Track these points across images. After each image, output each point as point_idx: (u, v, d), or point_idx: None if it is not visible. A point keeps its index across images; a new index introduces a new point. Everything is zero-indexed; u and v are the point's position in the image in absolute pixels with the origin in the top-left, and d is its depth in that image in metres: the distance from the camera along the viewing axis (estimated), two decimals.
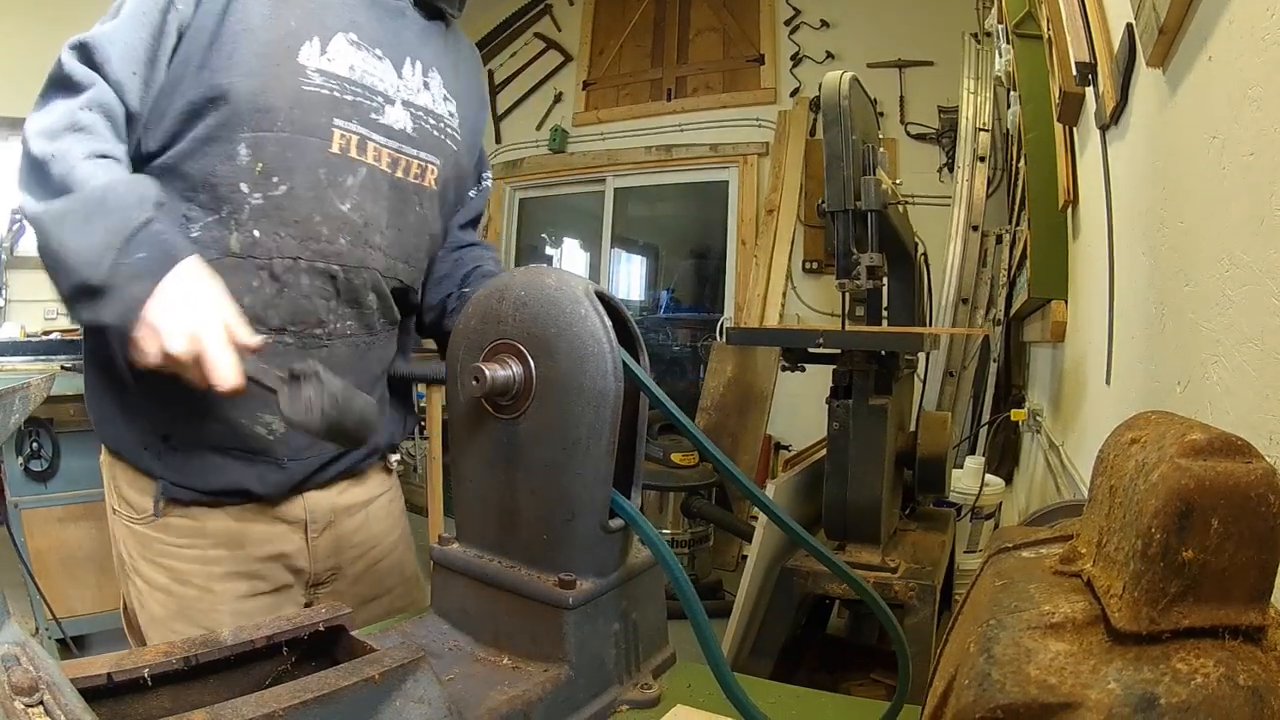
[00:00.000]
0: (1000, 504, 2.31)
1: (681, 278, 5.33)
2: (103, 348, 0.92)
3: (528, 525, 0.65)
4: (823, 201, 1.30)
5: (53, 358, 2.86)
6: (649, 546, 0.65)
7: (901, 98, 4.07)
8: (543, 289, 0.62)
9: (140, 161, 0.89)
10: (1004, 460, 3.07)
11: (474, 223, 1.21)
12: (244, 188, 0.88)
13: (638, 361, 0.64)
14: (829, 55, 4.23)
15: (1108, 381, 1.35)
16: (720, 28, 4.59)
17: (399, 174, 0.98)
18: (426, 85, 1.02)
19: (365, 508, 1.05)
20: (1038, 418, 2.43)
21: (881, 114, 3.96)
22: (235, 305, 0.80)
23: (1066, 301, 2.06)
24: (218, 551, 0.95)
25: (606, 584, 0.65)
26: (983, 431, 2.95)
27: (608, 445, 0.61)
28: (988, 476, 2.22)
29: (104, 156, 0.83)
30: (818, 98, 2.70)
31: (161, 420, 0.92)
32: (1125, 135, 1.28)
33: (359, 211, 0.93)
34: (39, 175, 0.81)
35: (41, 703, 0.37)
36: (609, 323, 0.61)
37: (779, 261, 4.26)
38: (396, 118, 0.97)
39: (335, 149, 0.91)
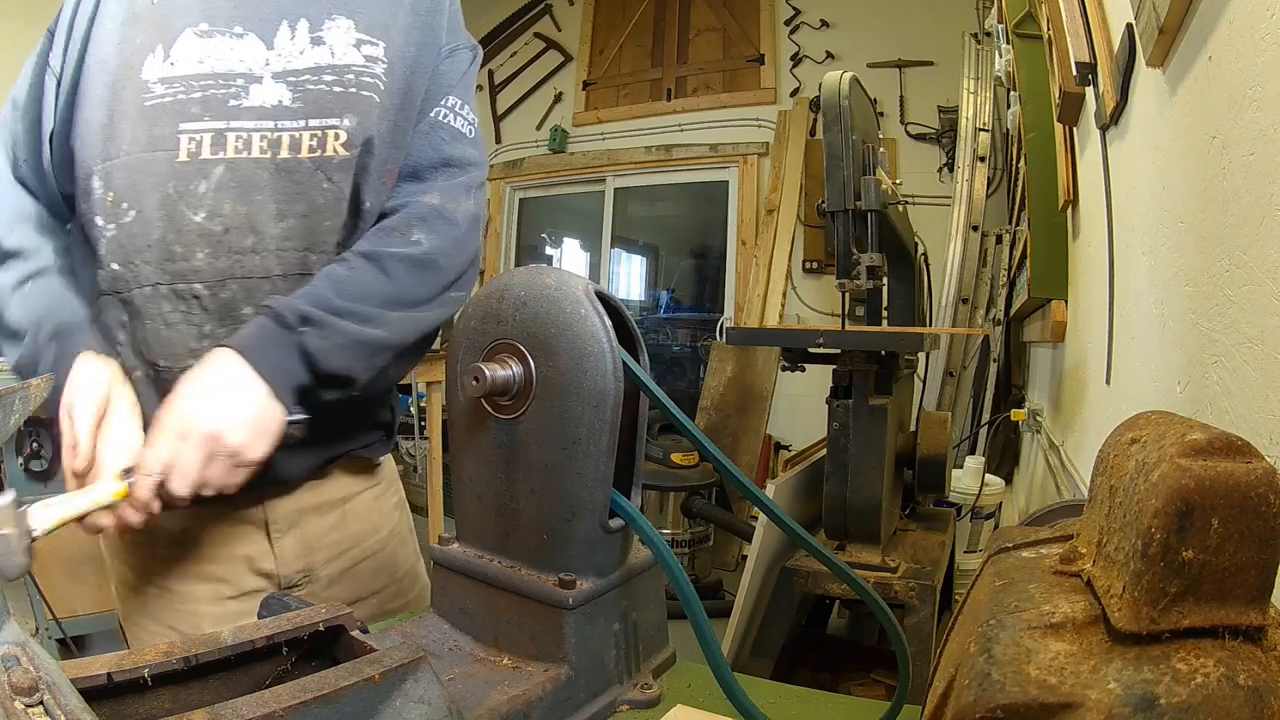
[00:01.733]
0: (1000, 504, 2.31)
1: (681, 278, 5.34)
2: None
3: (528, 525, 0.65)
4: (823, 201, 1.30)
5: None
6: (649, 546, 0.65)
7: (901, 98, 4.07)
8: (543, 289, 0.62)
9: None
10: (1004, 460, 3.07)
11: (418, 175, 0.95)
12: (99, 221, 0.84)
13: (638, 361, 0.64)
14: (829, 55, 4.23)
15: (1108, 381, 1.35)
16: (720, 28, 4.60)
17: (284, 154, 0.87)
18: (319, 40, 0.89)
19: (339, 507, 0.97)
20: (1038, 418, 2.43)
21: (881, 114, 3.96)
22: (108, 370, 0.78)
23: (1066, 301, 2.06)
24: (172, 550, 0.91)
25: (606, 584, 0.65)
26: (983, 431, 2.95)
27: (608, 445, 0.61)
28: (988, 476, 2.22)
29: (30, 278, 0.84)
30: (818, 98, 2.70)
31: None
32: (1125, 135, 1.28)
33: (216, 218, 0.84)
34: None
35: (41, 703, 0.37)
36: (609, 323, 0.61)
37: (779, 261, 4.26)
38: (267, 95, 0.86)
39: (184, 156, 0.84)
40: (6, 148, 0.89)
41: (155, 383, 0.85)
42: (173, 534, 0.91)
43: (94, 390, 0.75)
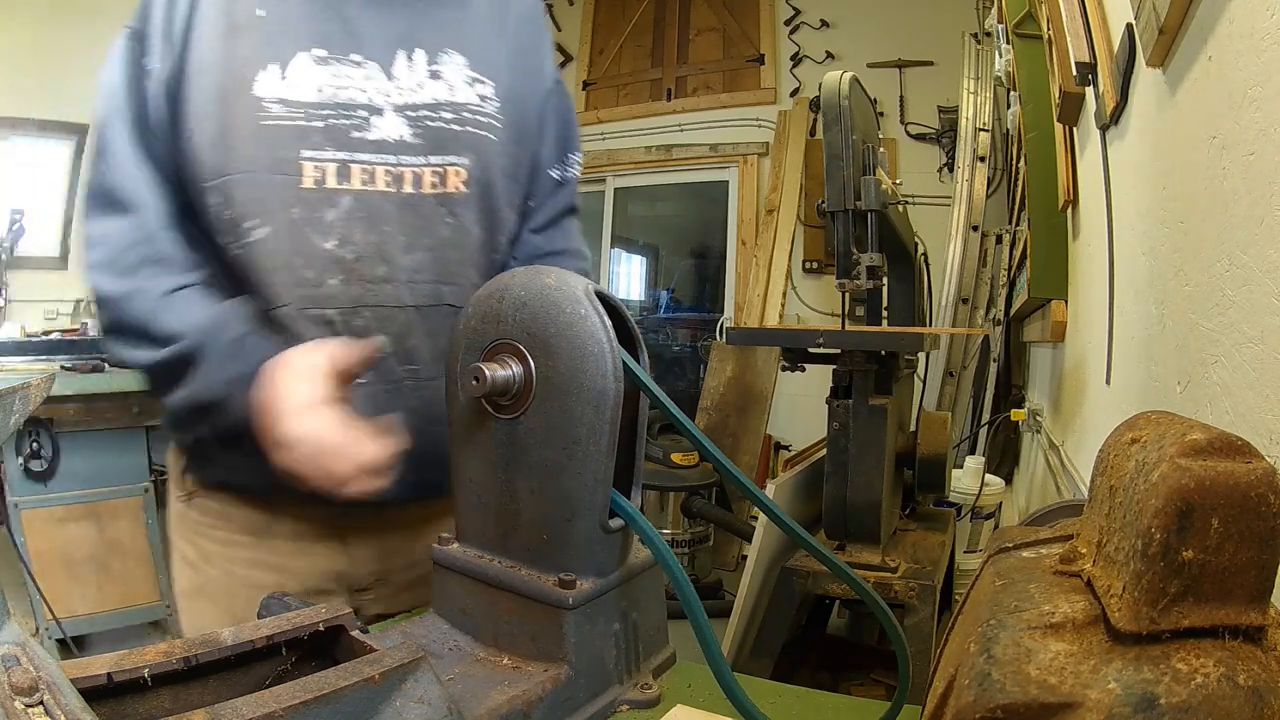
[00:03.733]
0: (1000, 504, 2.31)
1: (681, 278, 5.33)
2: None
3: (528, 525, 0.65)
4: (823, 201, 1.30)
5: (53, 358, 2.86)
6: (648, 546, 0.65)
7: (901, 98, 4.07)
8: (543, 289, 0.62)
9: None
10: (1004, 460, 3.07)
11: (553, 223, 1.05)
12: (218, 239, 0.84)
13: (638, 361, 0.64)
14: (829, 55, 4.23)
15: (1108, 381, 1.35)
16: (720, 28, 4.60)
17: (407, 189, 0.88)
18: (436, 74, 0.89)
19: (419, 525, 0.96)
20: (1038, 418, 2.43)
21: (881, 114, 3.96)
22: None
23: (1066, 301, 2.06)
24: (242, 537, 0.91)
25: (607, 584, 0.65)
26: (983, 431, 2.95)
27: (608, 445, 0.61)
28: (988, 476, 2.22)
29: (183, 287, 0.83)
30: (818, 98, 2.70)
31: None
32: (1125, 135, 1.28)
33: (348, 246, 0.85)
34: (116, 313, 0.82)
35: (41, 703, 0.37)
36: (609, 323, 0.61)
37: (779, 261, 4.26)
38: (390, 129, 0.87)
39: (309, 183, 0.83)
40: (136, 144, 0.85)
41: None
42: (243, 522, 0.91)
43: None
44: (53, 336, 3.29)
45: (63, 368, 2.62)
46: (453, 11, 0.92)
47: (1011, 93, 2.67)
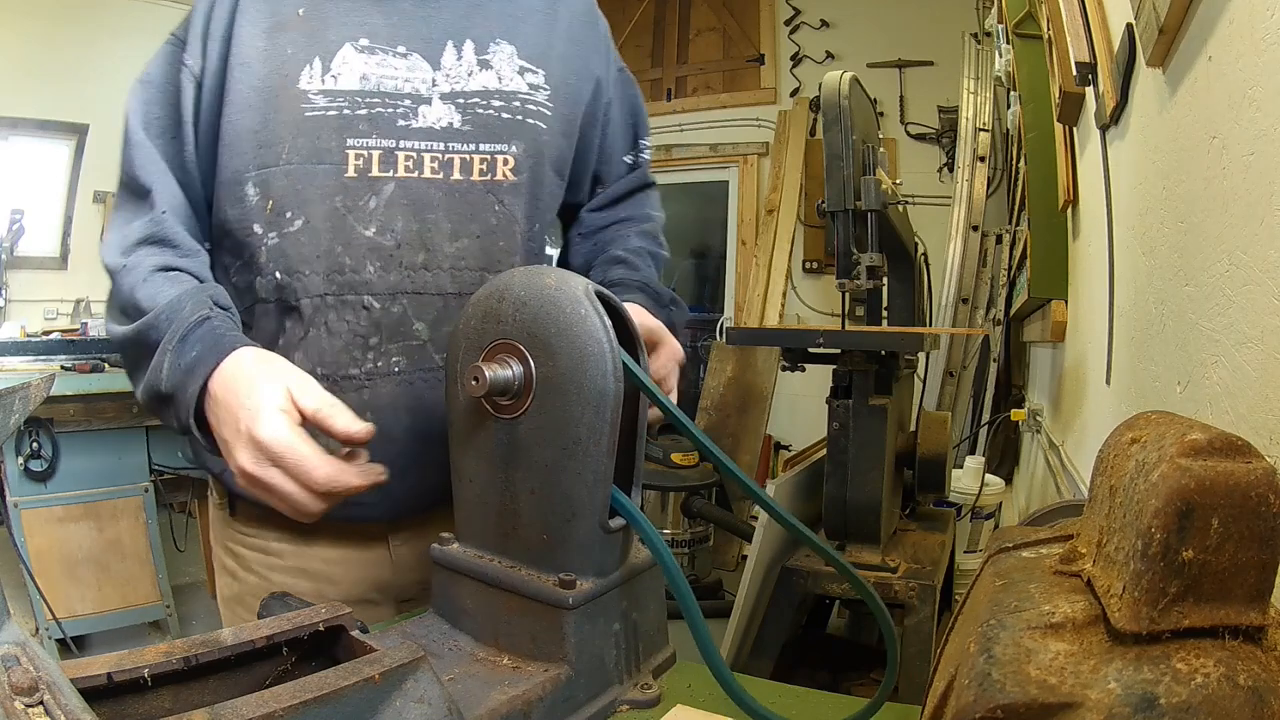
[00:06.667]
0: (1000, 504, 2.31)
1: (681, 278, 5.33)
2: None
3: (528, 525, 0.65)
4: (823, 201, 1.29)
5: (53, 358, 2.87)
6: (648, 546, 0.65)
7: (901, 98, 4.07)
8: (543, 289, 0.62)
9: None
10: (1004, 460, 3.07)
11: (622, 199, 1.08)
12: (257, 229, 0.84)
13: (637, 362, 0.64)
14: (829, 55, 4.23)
15: (1108, 381, 1.35)
16: (720, 28, 4.59)
17: (456, 175, 0.88)
18: (485, 64, 0.89)
19: None
20: (1038, 418, 2.43)
21: (881, 114, 3.96)
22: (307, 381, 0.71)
23: (1066, 301, 2.06)
24: (282, 545, 0.91)
25: (607, 584, 0.65)
26: (983, 431, 2.95)
27: (608, 445, 0.61)
28: (988, 476, 2.22)
29: (172, 269, 0.80)
30: (818, 98, 2.70)
31: None
32: (1125, 135, 1.28)
33: (388, 233, 0.85)
34: (113, 289, 0.80)
35: (41, 703, 0.37)
36: (609, 323, 0.61)
37: (779, 261, 4.26)
38: (438, 116, 0.86)
39: (351, 171, 0.84)
40: (162, 139, 0.85)
41: None
42: (283, 532, 0.90)
43: (298, 393, 0.70)
44: (53, 336, 3.29)
45: (63, 368, 2.63)
46: (502, 4, 0.92)
47: (1011, 93, 2.67)
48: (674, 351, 0.88)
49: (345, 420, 0.69)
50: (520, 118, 0.91)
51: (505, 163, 0.90)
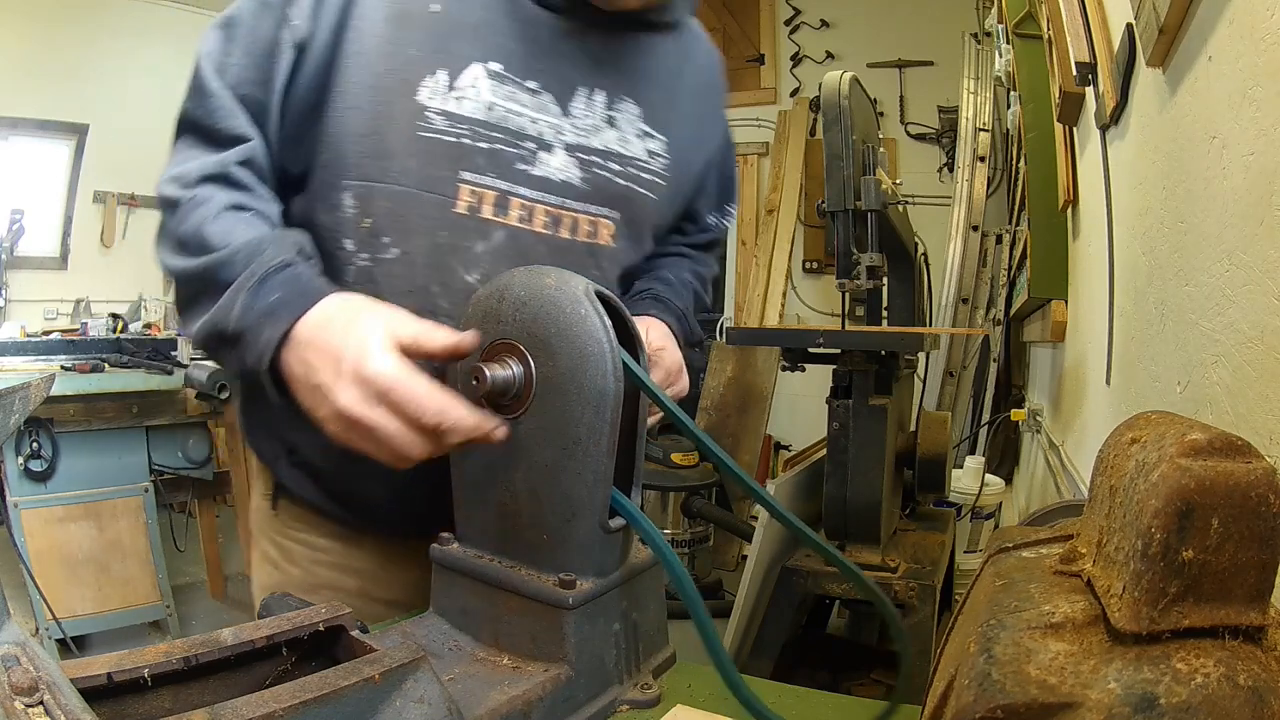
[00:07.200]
0: (1000, 504, 2.31)
1: None
2: None
3: (528, 525, 0.65)
4: (823, 201, 1.29)
5: (53, 358, 2.87)
6: (649, 545, 0.65)
7: (901, 98, 4.07)
8: (543, 289, 0.62)
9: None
10: (1004, 460, 3.07)
11: (692, 247, 1.06)
12: (348, 245, 0.77)
13: (638, 361, 0.64)
14: (829, 55, 4.23)
15: (1108, 381, 1.35)
16: (720, 28, 4.59)
17: (562, 233, 0.82)
18: (611, 121, 0.83)
19: None
20: (1038, 418, 2.43)
21: (881, 114, 3.96)
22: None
23: (1066, 301, 2.06)
24: (329, 542, 0.89)
25: (607, 584, 0.65)
26: (983, 431, 2.95)
27: (608, 445, 0.61)
28: (988, 476, 2.22)
29: (247, 210, 0.73)
30: (818, 98, 2.70)
31: (286, 431, 0.85)
32: (1125, 135, 1.28)
33: None
34: (171, 220, 0.72)
35: (41, 703, 0.37)
36: (609, 323, 0.61)
37: (779, 261, 4.26)
38: (557, 167, 0.80)
39: (462, 209, 0.77)
40: (231, 89, 0.75)
41: None
42: (331, 530, 0.88)
43: (396, 325, 0.63)
44: (53, 336, 3.29)
45: (63, 368, 2.63)
46: (638, 58, 0.86)
47: (1011, 93, 2.67)
48: (678, 389, 0.85)
49: (440, 339, 0.63)
50: (633, 185, 0.86)
51: (607, 227, 0.86)
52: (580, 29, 0.80)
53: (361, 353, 0.61)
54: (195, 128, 0.76)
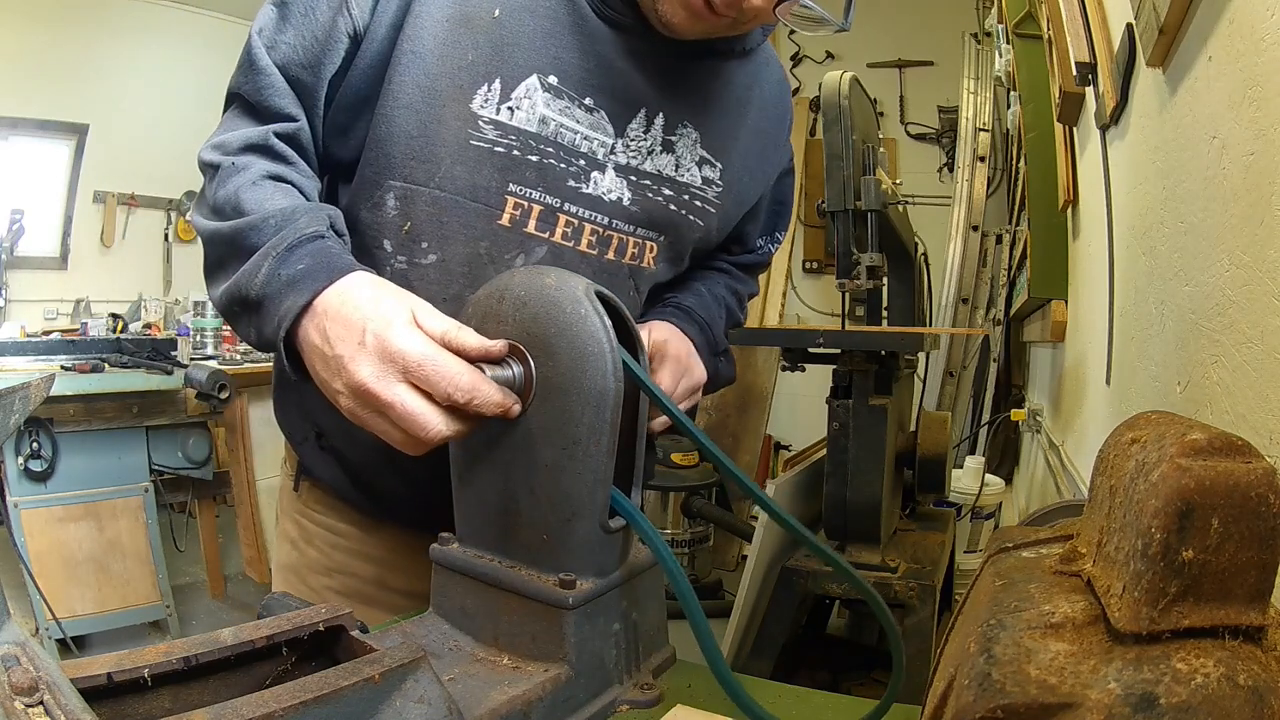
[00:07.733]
0: (1000, 504, 2.31)
1: None
2: None
3: (528, 525, 0.65)
4: (823, 201, 1.29)
5: (53, 358, 2.87)
6: (648, 545, 0.65)
7: (901, 98, 4.07)
8: (543, 289, 0.62)
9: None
10: (1004, 460, 3.07)
11: (735, 266, 1.05)
12: (387, 245, 0.76)
13: (638, 361, 0.64)
14: (829, 55, 4.23)
15: (1108, 381, 1.35)
16: None
17: (609, 255, 0.81)
18: (668, 146, 0.82)
19: None
20: (1038, 418, 2.43)
21: (881, 114, 3.96)
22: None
23: (1066, 301, 2.06)
24: (347, 527, 0.89)
25: (607, 584, 0.65)
26: (983, 431, 2.95)
27: (608, 445, 0.61)
28: (988, 476, 2.22)
29: (286, 181, 0.72)
30: (818, 98, 2.70)
31: (318, 414, 0.85)
32: (1125, 135, 1.28)
33: None
34: (210, 185, 0.72)
35: (41, 703, 0.37)
36: (609, 323, 0.61)
37: (779, 261, 4.26)
38: (609, 186, 0.79)
39: (505, 220, 0.76)
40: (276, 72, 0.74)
41: None
42: (352, 516, 0.89)
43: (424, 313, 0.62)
44: (53, 336, 3.29)
45: (63, 368, 2.62)
46: (704, 83, 0.84)
47: (1011, 93, 2.67)
48: (694, 380, 0.86)
49: (475, 338, 0.61)
50: (684, 213, 0.85)
51: (651, 250, 0.85)
52: (646, 50, 0.78)
53: (386, 328, 0.59)
54: (242, 101, 0.75)
